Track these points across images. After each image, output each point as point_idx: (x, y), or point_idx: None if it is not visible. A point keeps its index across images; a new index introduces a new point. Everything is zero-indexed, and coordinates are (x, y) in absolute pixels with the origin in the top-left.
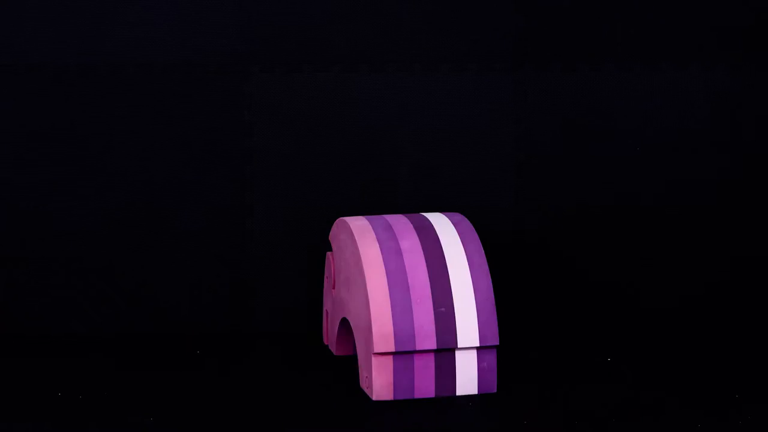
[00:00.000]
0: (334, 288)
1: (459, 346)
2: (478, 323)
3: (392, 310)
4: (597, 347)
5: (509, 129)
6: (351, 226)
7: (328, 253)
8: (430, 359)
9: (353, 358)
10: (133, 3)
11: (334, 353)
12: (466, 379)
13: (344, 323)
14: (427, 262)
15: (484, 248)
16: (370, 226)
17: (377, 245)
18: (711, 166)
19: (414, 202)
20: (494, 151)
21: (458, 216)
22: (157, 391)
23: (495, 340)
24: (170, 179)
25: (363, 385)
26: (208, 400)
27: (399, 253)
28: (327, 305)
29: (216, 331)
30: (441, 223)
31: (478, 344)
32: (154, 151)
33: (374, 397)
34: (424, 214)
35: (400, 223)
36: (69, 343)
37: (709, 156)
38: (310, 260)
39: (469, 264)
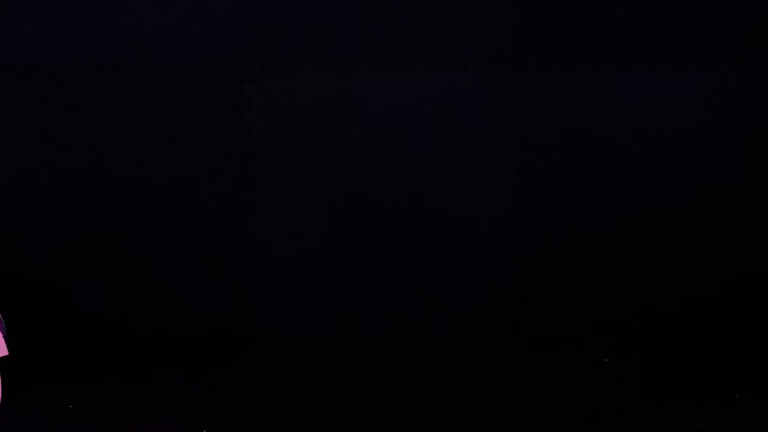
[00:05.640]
0: None
1: None
2: None
3: None
4: (599, 348)
5: (509, 129)
6: None
7: None
8: None
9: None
10: (134, 2)
11: None
12: None
13: None
14: None
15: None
16: None
17: None
18: (710, 167)
19: (414, 203)
20: (494, 151)
21: None
22: (156, 390)
23: None
24: (170, 179)
25: None
26: (207, 400)
27: None
28: None
29: (216, 331)
30: None
31: None
32: (155, 151)
33: None
34: None
35: None
36: (69, 342)
37: (708, 157)
38: (310, 260)
39: None
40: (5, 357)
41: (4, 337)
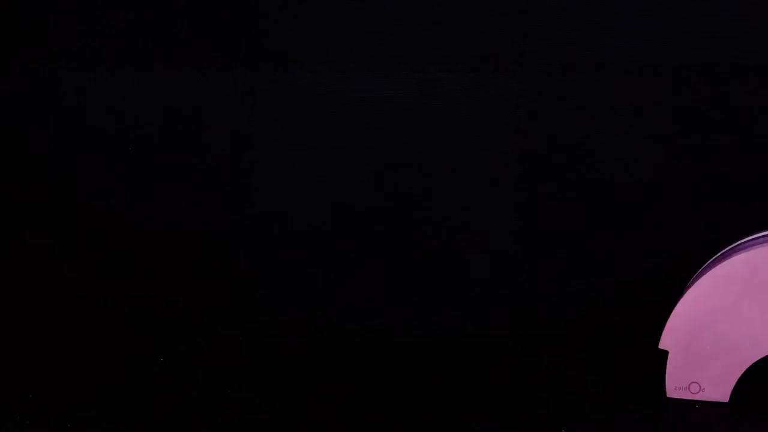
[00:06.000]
0: None
1: None
2: None
3: None
4: (598, 348)
5: (509, 129)
6: None
7: None
8: None
9: None
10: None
11: None
12: None
13: None
14: None
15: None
16: None
17: None
18: (708, 169)
19: (413, 204)
20: (496, 152)
21: None
22: (154, 390)
23: None
24: (170, 179)
25: None
26: (207, 399)
27: None
28: None
29: (216, 331)
30: None
31: None
32: (155, 151)
33: None
34: None
35: None
36: (70, 341)
37: (706, 159)
38: (310, 261)
39: None
40: None
41: None
